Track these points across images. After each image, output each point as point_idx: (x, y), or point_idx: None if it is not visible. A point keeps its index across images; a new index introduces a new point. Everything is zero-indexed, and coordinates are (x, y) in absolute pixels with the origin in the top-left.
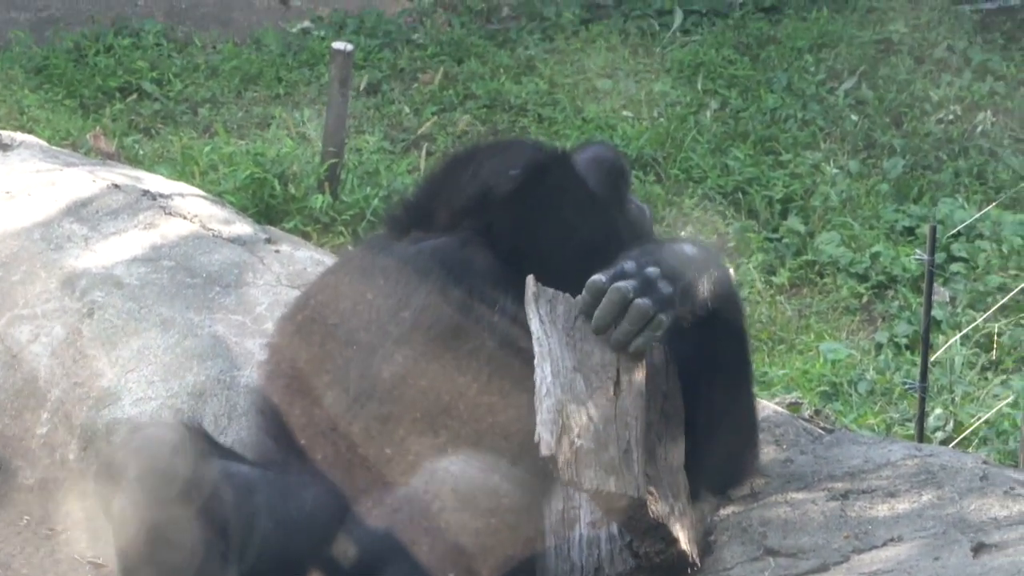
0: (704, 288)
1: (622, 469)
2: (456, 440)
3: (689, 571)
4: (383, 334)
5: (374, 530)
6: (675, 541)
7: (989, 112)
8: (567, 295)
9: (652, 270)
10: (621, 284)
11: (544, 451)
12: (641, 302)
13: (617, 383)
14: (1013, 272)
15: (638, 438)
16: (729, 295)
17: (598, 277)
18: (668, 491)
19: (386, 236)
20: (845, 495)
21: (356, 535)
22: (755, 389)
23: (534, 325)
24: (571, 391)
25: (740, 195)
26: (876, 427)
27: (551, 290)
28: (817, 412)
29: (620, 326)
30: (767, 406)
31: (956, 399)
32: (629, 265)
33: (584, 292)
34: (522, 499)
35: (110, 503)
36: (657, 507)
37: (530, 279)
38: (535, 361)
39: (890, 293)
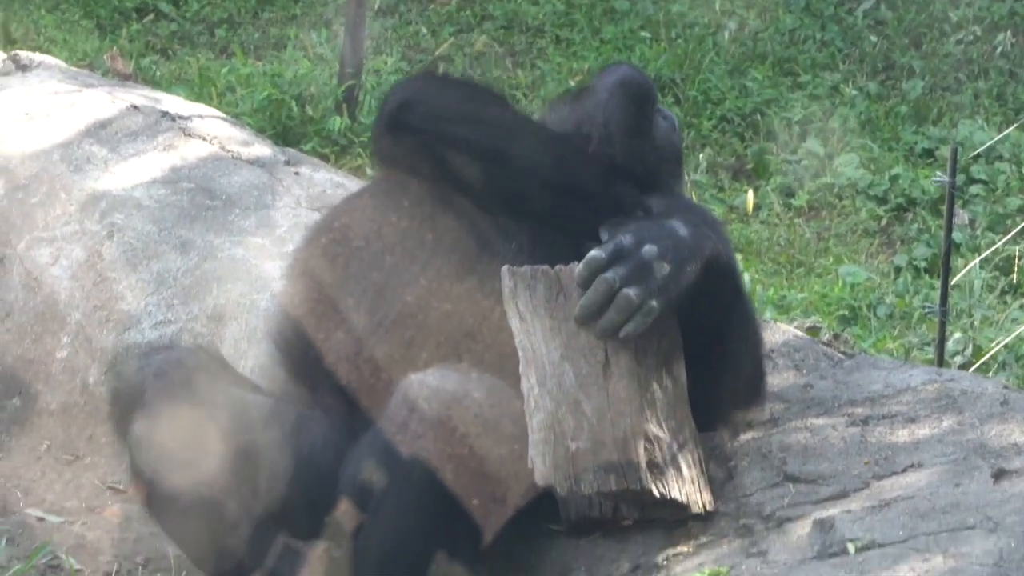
0: (700, 265)
1: (621, 463)
2: (479, 366)
3: (704, 509)
4: (407, 258)
5: (400, 460)
6: (685, 507)
7: (1009, 32)
8: (546, 269)
9: (649, 249)
10: (608, 275)
11: (539, 480)
12: (628, 292)
13: (607, 364)
14: None
15: (633, 424)
16: (727, 265)
17: (597, 253)
18: (673, 440)
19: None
20: (865, 420)
21: (376, 458)
22: (757, 317)
23: (515, 326)
24: (560, 390)
25: (758, 117)
26: (895, 351)
27: (528, 269)
28: (836, 336)
29: (606, 315)
30: (787, 330)
31: (975, 323)
32: (627, 240)
33: (582, 267)
34: None
35: (127, 427)
36: (663, 485)
37: (504, 271)
38: (520, 368)
39: (909, 216)
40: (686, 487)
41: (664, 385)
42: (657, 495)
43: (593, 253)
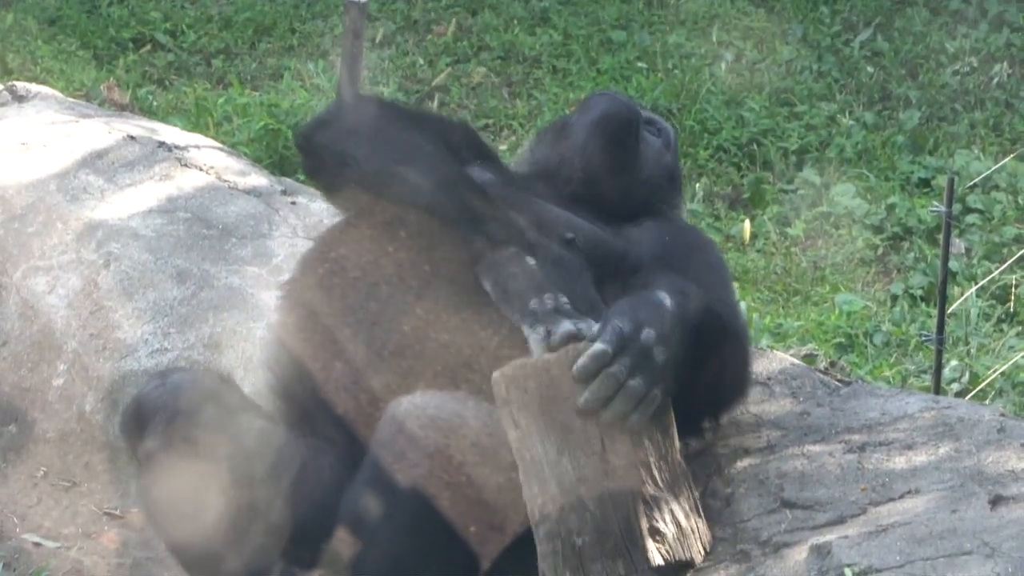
0: (691, 330)
1: (627, 547)
2: (477, 395)
3: (705, 552)
4: (403, 287)
5: (392, 484)
6: (689, 563)
7: (1005, 64)
8: (535, 363)
9: (648, 334)
10: (614, 369)
11: None
12: (634, 384)
13: (603, 452)
14: None
15: (633, 503)
16: (716, 314)
17: (603, 347)
18: (669, 492)
19: None
20: (862, 447)
21: (371, 488)
22: (743, 323)
23: (511, 436)
24: (561, 490)
25: (755, 147)
26: (891, 379)
27: (518, 364)
28: (833, 364)
29: (612, 407)
30: (784, 358)
31: (972, 351)
32: (626, 327)
33: (587, 360)
34: None
35: (136, 447)
36: (666, 551)
37: (496, 378)
38: (521, 478)
39: (905, 245)
40: (687, 540)
41: (655, 440)
42: (663, 563)
43: (598, 347)
